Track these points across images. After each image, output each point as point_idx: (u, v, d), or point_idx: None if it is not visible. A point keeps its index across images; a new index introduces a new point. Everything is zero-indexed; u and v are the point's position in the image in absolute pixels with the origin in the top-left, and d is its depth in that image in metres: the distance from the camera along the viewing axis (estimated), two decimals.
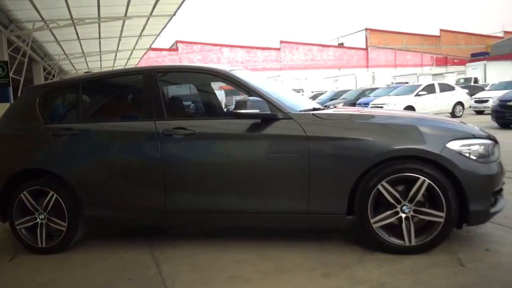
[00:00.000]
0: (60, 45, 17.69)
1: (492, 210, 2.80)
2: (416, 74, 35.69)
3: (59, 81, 4.09)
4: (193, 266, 2.86)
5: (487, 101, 14.97)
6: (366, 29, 51.09)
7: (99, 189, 3.23)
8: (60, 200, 3.22)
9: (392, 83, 27.95)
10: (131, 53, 22.98)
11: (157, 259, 3.03)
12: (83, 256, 3.20)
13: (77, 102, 3.53)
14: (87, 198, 3.23)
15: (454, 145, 2.73)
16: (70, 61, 22.65)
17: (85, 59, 22.79)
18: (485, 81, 27.23)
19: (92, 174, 3.22)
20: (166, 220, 3.21)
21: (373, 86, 24.35)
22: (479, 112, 15.96)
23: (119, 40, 18.13)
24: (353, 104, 17.33)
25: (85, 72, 14.57)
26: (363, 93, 20.15)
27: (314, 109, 3.21)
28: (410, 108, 14.10)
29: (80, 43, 17.65)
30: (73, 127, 3.33)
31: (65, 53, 20.03)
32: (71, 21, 12.87)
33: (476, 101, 15.90)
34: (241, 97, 3.02)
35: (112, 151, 3.26)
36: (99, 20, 13.40)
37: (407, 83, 22.73)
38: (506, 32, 52.53)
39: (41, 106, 3.49)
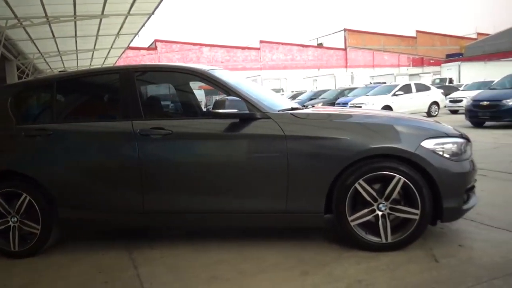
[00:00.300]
0: (35, 44, 17.25)
1: (465, 207, 2.88)
2: (393, 74, 36.32)
3: (32, 80, 4.01)
4: (172, 267, 2.83)
5: (461, 101, 15.36)
6: (345, 30, 51.70)
7: (75, 190, 3.15)
8: (34, 202, 3.13)
9: (370, 83, 28.39)
10: (108, 52, 22.61)
11: (135, 261, 2.98)
12: (57, 259, 3.12)
13: (51, 102, 3.45)
14: (62, 200, 3.15)
15: (428, 143, 2.79)
16: (45, 60, 22.10)
17: (61, 58, 22.30)
18: (459, 81, 27.93)
19: (67, 175, 3.15)
20: (144, 221, 3.17)
21: (352, 86, 24.68)
22: (454, 112, 16.38)
23: (96, 38, 17.82)
24: (332, 103, 17.54)
25: (59, 71, 14.22)
26: (342, 93, 20.43)
27: (293, 109, 3.22)
28: (387, 107, 14.38)
29: (55, 41, 17.26)
30: (47, 127, 3.25)
31: (39, 52, 19.54)
32: (45, 19, 12.57)
33: (450, 101, 16.32)
34: (221, 96, 3.01)
35: (88, 151, 3.19)
36: (75, 18, 13.14)
37: (384, 83, 23.13)
38: (479, 34, 54.03)
39: (13, 106, 3.39)
